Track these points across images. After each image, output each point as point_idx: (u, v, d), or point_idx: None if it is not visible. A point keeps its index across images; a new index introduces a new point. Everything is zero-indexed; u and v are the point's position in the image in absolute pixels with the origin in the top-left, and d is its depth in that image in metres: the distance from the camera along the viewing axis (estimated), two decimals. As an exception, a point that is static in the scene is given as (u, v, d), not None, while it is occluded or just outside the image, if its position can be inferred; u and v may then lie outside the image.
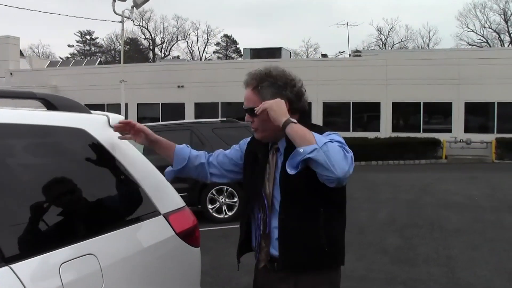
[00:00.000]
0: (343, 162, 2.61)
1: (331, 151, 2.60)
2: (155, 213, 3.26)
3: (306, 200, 2.90)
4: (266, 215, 3.06)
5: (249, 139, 3.33)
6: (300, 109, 3.03)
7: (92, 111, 3.36)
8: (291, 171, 2.67)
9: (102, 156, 3.11)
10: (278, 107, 2.82)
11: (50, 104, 3.12)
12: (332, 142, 2.67)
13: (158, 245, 3.23)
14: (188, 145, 3.45)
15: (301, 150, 2.63)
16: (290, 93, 2.97)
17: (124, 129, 3.21)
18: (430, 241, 9.57)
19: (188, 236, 3.47)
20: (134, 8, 25.21)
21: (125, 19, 25.57)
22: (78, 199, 2.88)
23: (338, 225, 3.04)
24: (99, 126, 3.20)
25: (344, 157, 2.63)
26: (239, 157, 3.34)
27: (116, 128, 3.20)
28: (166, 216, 3.33)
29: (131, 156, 3.33)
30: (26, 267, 2.38)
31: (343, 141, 2.78)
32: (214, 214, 12.09)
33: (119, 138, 3.21)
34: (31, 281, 2.36)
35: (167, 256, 3.31)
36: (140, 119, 32.64)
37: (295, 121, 2.77)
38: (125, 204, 3.22)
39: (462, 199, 14.44)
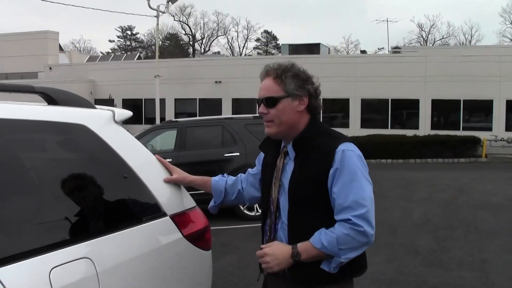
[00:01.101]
0: (363, 238, 2.66)
1: (348, 246, 2.65)
2: (160, 214, 3.10)
3: (317, 211, 2.78)
4: (272, 221, 2.96)
5: None
6: (316, 108, 2.93)
7: (97, 106, 3.22)
8: (334, 271, 2.73)
9: (104, 153, 2.96)
10: (278, 251, 2.79)
11: (50, 98, 2.99)
12: (343, 223, 2.66)
13: (163, 248, 3.07)
14: (225, 174, 3.44)
15: (331, 269, 2.71)
16: (311, 88, 2.89)
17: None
18: (464, 243, 9.26)
19: (198, 239, 3.30)
20: (170, 2, 25.29)
21: (162, 14, 25.67)
22: (75, 199, 2.74)
23: None
24: (102, 122, 3.05)
25: (358, 233, 2.64)
26: (260, 170, 3.25)
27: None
28: (173, 217, 3.16)
29: (136, 153, 3.19)
30: (12, 272, 2.25)
31: (352, 166, 2.72)
32: (245, 211, 11.88)
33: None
34: (17, 287, 2.23)
35: (173, 260, 3.14)
36: (177, 114, 32.77)
37: (297, 250, 2.73)
38: (127, 205, 3.07)
39: (501, 200, 14.03)
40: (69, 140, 2.93)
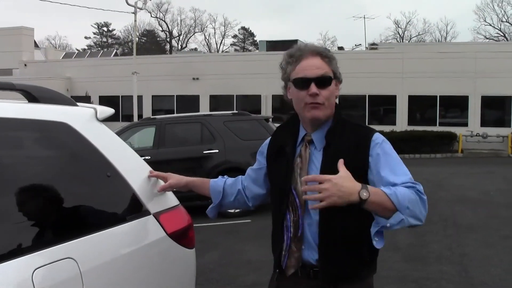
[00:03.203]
0: (423, 210, 2.47)
1: (413, 209, 2.42)
2: (144, 212, 3.07)
3: (354, 208, 2.43)
4: (297, 216, 2.70)
5: (267, 141, 3.01)
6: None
7: (79, 104, 3.17)
8: (378, 245, 2.50)
9: (86, 151, 2.92)
10: (347, 183, 2.37)
11: (31, 95, 2.93)
12: (409, 188, 2.45)
13: (147, 247, 3.04)
14: (225, 176, 3.21)
15: (388, 224, 2.41)
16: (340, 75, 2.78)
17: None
18: (443, 238, 9.36)
19: (181, 237, 3.27)
20: (148, -1, 25.23)
21: (139, 10, 25.56)
22: (57, 198, 2.70)
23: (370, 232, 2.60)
24: (84, 119, 3.02)
25: (421, 202, 2.46)
26: (264, 163, 3.00)
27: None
28: (157, 215, 3.13)
29: (119, 151, 3.15)
30: None
31: (393, 152, 2.67)
32: (224, 208, 11.83)
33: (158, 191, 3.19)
34: (-1, 289, 2.20)
35: (157, 258, 3.11)
36: (155, 111, 32.66)
37: (368, 189, 2.38)
38: (110, 204, 3.02)
39: (477, 195, 14.19)
40: (50, 138, 2.89)
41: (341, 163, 2.43)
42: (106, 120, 3.18)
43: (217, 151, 11.97)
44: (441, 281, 6.97)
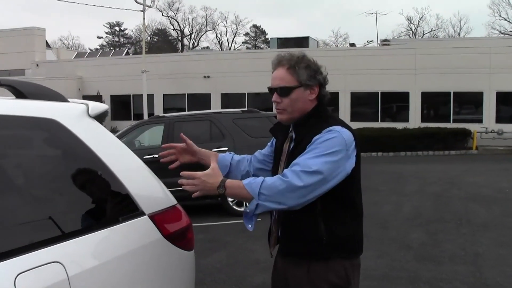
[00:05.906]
0: (288, 195, 2.72)
1: (270, 195, 2.73)
2: (138, 213, 2.91)
3: None
4: None
5: None
6: (324, 96, 3.07)
7: (70, 100, 3.04)
8: (248, 226, 2.97)
9: (76, 149, 2.79)
10: (210, 180, 2.83)
11: (18, 91, 2.82)
12: (281, 176, 2.76)
13: (141, 250, 2.89)
14: (232, 152, 3.58)
15: (248, 210, 2.81)
16: (321, 78, 3.03)
17: (169, 153, 3.43)
18: (456, 237, 9.15)
19: (179, 239, 3.12)
20: (156, -4, 25.17)
21: (147, 8, 25.52)
22: (44, 198, 2.57)
23: (342, 218, 2.96)
24: (74, 116, 2.88)
25: (283, 183, 2.72)
26: (272, 151, 3.39)
27: (163, 157, 3.40)
28: (152, 216, 2.98)
29: (112, 149, 3.01)
30: None
31: (323, 143, 2.80)
32: (234, 207, 11.67)
33: (162, 161, 3.40)
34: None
35: (152, 262, 2.95)
36: (166, 110, 32.57)
37: (224, 184, 2.81)
38: (102, 204, 2.89)
39: (492, 192, 13.95)
40: (38, 136, 2.77)
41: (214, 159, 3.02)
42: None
43: (226, 148, 11.82)
44: (454, 282, 6.78)
